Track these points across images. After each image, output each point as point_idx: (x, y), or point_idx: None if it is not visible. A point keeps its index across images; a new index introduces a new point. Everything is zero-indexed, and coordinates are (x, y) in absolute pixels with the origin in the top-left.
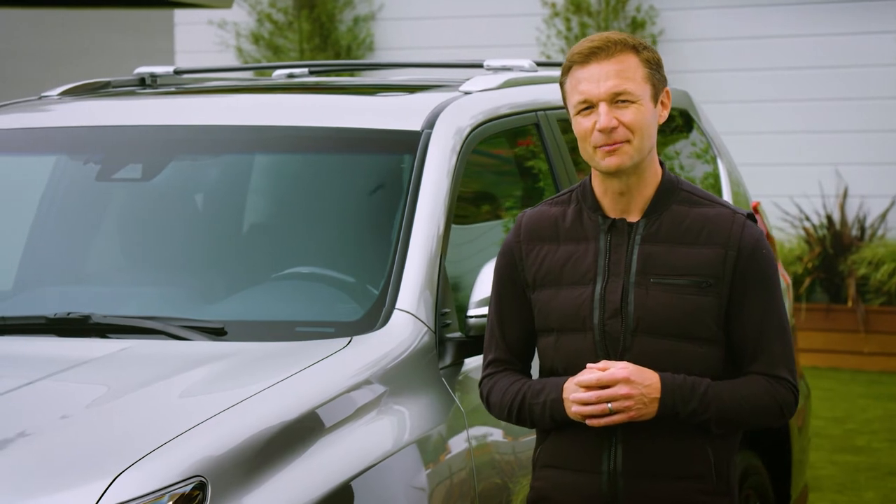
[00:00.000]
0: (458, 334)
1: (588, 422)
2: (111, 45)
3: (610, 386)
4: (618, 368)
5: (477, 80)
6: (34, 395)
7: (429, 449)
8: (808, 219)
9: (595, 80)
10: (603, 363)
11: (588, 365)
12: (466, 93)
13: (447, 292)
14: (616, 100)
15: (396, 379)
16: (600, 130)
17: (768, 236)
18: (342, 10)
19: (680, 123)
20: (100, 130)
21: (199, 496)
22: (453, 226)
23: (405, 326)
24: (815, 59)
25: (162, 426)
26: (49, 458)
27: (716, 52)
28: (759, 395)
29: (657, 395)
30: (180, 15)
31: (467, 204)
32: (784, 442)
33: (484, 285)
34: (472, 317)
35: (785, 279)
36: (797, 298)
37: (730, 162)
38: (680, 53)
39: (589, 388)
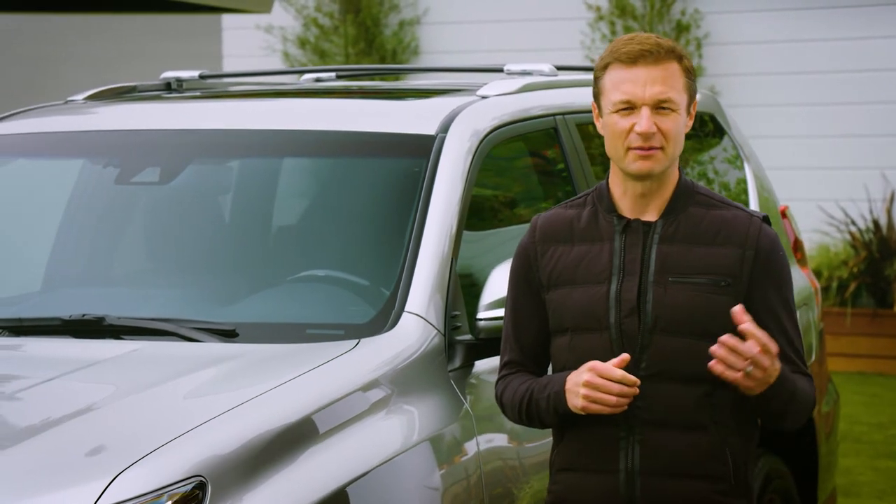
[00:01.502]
0: (468, 337)
1: (712, 365)
2: (160, 50)
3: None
4: (769, 338)
5: (494, 85)
6: (41, 395)
7: (436, 450)
8: (854, 223)
9: (641, 83)
10: (750, 327)
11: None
12: (483, 97)
13: (458, 295)
14: (659, 106)
15: (404, 381)
16: (640, 134)
17: (797, 241)
18: (387, 14)
19: (711, 129)
20: (119, 134)
21: (199, 496)
22: (468, 229)
23: (414, 329)
24: (861, 62)
25: (164, 426)
26: (50, 457)
27: (762, 55)
28: (805, 389)
29: (773, 380)
30: (228, 20)
31: (482, 207)
32: (810, 446)
33: (494, 288)
34: (482, 319)
35: (813, 284)
36: (842, 303)
37: (757, 166)
38: (725, 57)
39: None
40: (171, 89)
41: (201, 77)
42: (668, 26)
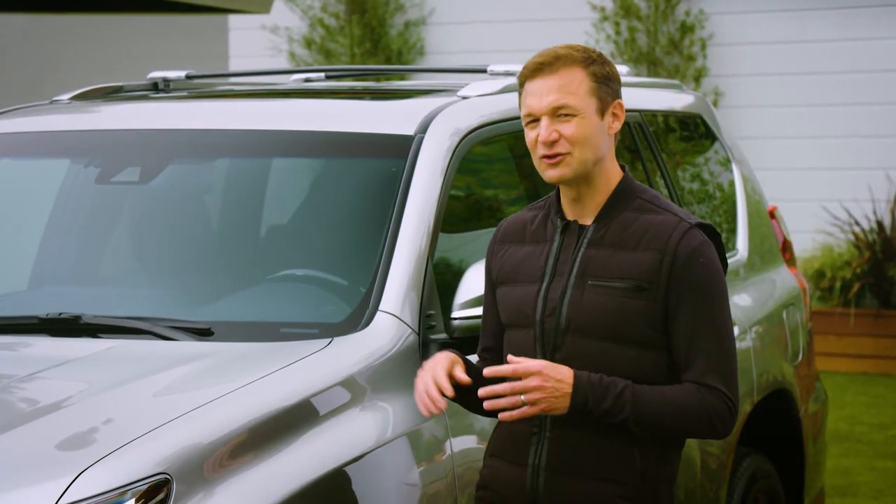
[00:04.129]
0: (442, 336)
1: (501, 416)
2: (167, 50)
3: (522, 378)
4: (532, 361)
5: (475, 85)
6: (11, 393)
7: (409, 448)
8: (857, 223)
9: (539, 94)
10: (517, 358)
11: (510, 358)
12: (464, 97)
13: (433, 294)
14: (557, 113)
15: (377, 380)
16: (542, 142)
17: (785, 241)
18: (393, 14)
19: (703, 131)
20: (101, 134)
21: (164, 493)
22: (446, 229)
23: (388, 328)
24: (865, 62)
25: (131, 424)
26: (15, 454)
27: (766, 56)
28: (685, 401)
29: (569, 390)
30: (234, 20)
31: (462, 207)
32: (797, 446)
33: (469, 287)
34: (456, 318)
35: (801, 284)
36: (846, 304)
37: (747, 168)
38: (730, 57)
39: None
40: (158, 89)
41: (188, 77)
42: (672, 27)
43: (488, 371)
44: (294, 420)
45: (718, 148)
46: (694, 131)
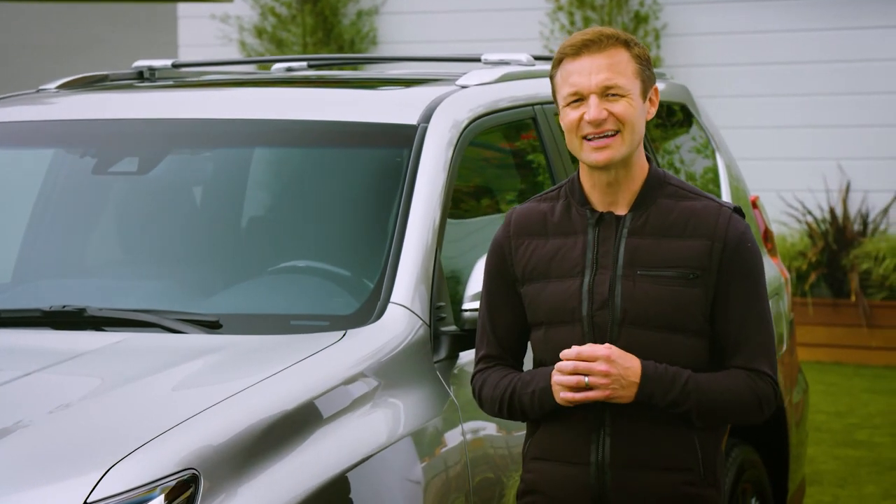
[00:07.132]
0: (453, 328)
1: (562, 395)
2: (116, 39)
3: (590, 362)
4: (601, 346)
5: (474, 74)
6: (27, 388)
7: (423, 442)
8: (810, 213)
9: (586, 72)
10: (589, 345)
11: (574, 346)
12: (463, 87)
13: (443, 286)
14: (606, 93)
15: (390, 372)
16: (590, 122)
17: (767, 231)
18: (345, 4)
19: (680, 118)
20: (96, 124)
21: (192, 489)
22: (450, 220)
23: (399, 320)
24: (818, 53)
25: (155, 419)
26: (41, 450)
27: (719, 46)
28: (739, 388)
29: (636, 379)
30: (183, 9)
31: (464, 198)
32: (781, 436)
33: (479, 279)
34: (466, 310)
35: (784, 274)
36: (801, 293)
37: (729, 156)
38: (683, 48)
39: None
40: (144, 78)
41: (174, 66)
42: (626, 17)
43: (562, 354)
44: (319, 413)
45: (700, 136)
46: (672, 119)
